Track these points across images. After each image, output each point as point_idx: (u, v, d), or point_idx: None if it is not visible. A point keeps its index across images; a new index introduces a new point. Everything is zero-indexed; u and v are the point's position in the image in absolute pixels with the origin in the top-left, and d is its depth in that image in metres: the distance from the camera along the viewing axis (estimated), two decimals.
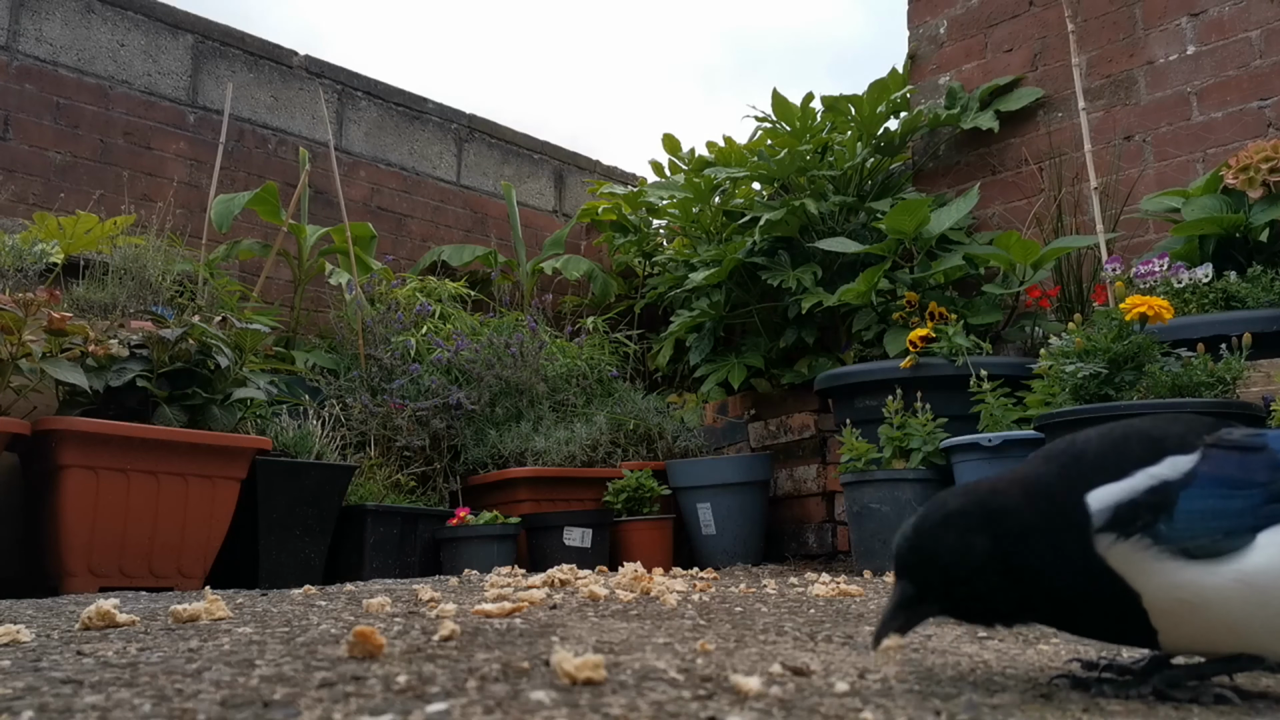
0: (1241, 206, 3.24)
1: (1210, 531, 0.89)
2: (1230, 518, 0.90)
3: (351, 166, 5.29)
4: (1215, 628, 0.91)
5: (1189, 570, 0.89)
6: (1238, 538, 0.89)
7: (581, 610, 1.75)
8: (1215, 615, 0.89)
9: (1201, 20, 3.90)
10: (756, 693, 0.91)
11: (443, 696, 0.88)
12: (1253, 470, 0.93)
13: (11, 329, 2.66)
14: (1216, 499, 0.91)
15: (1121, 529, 0.90)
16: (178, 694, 0.89)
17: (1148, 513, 0.90)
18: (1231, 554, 0.89)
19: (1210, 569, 0.88)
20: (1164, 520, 0.89)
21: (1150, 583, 0.90)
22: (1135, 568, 0.90)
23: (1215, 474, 0.92)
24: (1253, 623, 0.89)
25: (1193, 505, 0.90)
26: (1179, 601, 0.90)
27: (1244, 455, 0.94)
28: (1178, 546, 0.89)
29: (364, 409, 3.93)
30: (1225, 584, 0.88)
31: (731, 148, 4.83)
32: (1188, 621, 0.91)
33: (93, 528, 2.74)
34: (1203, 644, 0.94)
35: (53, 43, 4.35)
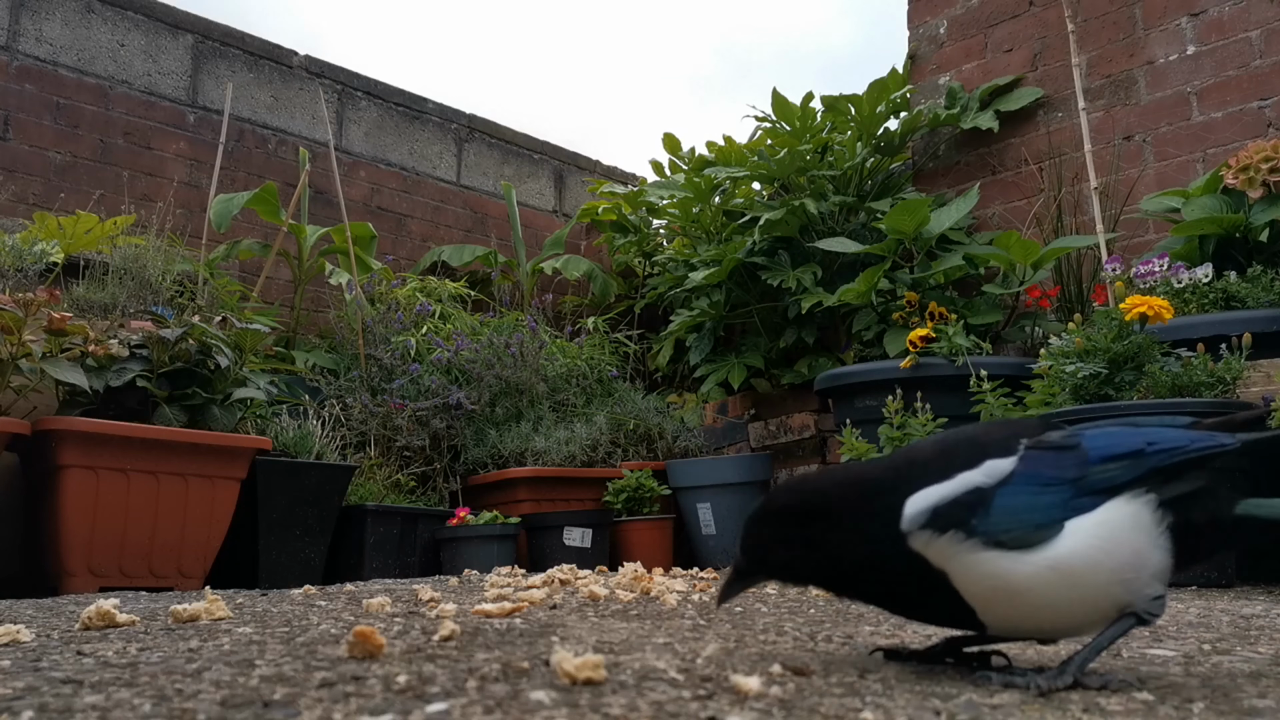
0: (1241, 206, 3.24)
1: (1021, 524, 0.97)
2: (1040, 511, 0.98)
3: (351, 166, 5.29)
4: (1033, 609, 0.99)
5: (1003, 560, 0.97)
6: (1047, 529, 0.97)
7: (581, 610, 1.75)
8: (1032, 599, 0.97)
9: (1201, 20, 3.90)
10: (756, 693, 0.91)
11: (443, 696, 0.88)
12: (1064, 467, 1.01)
13: (11, 329, 2.66)
14: (1028, 495, 0.99)
15: (937, 526, 0.98)
16: (178, 694, 0.89)
17: (964, 511, 0.97)
18: (1042, 543, 0.97)
19: (1022, 558, 0.97)
20: (979, 517, 0.97)
21: (967, 573, 0.98)
22: (951, 560, 0.98)
23: (1030, 473, 1.00)
24: (1067, 602, 0.98)
25: (1006, 502, 0.98)
26: (994, 589, 0.98)
27: (1059, 454, 1.02)
28: (991, 539, 0.97)
29: (364, 409, 3.93)
30: (1037, 570, 0.96)
31: (731, 147, 4.83)
32: (1006, 605, 0.99)
33: (93, 528, 2.74)
34: (1025, 626, 1.02)
35: (53, 43, 4.35)
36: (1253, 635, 1.48)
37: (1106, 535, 0.98)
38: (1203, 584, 2.51)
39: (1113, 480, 1.00)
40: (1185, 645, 1.35)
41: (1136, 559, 0.99)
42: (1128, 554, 0.98)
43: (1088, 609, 0.99)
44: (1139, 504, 1.00)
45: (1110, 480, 1.00)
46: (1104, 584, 0.98)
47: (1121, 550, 0.98)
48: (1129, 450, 1.02)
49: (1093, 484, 1.00)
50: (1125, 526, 0.99)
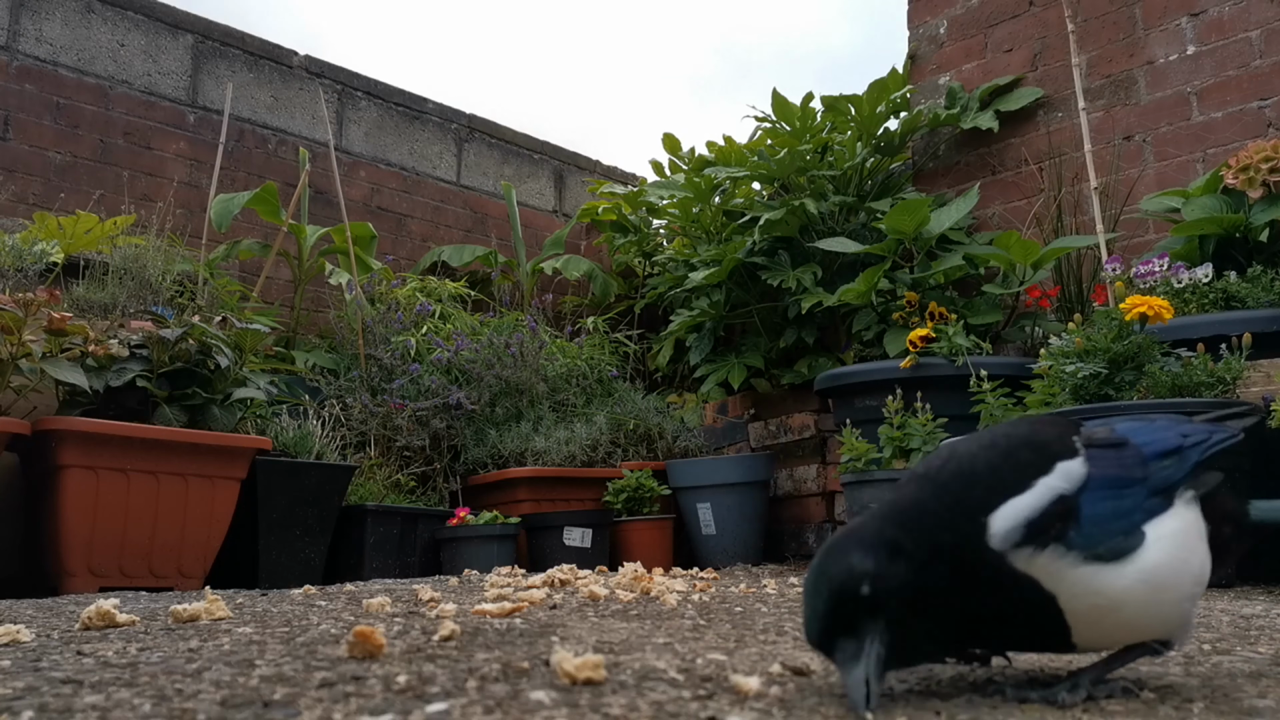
0: (1241, 206, 3.24)
1: (1113, 534, 0.92)
2: (1125, 517, 0.93)
3: (351, 166, 5.29)
4: (1123, 623, 0.93)
5: (1101, 573, 0.91)
6: (1134, 536, 0.92)
7: (581, 610, 1.75)
8: (1125, 612, 0.92)
9: (1201, 20, 3.90)
10: (756, 693, 0.91)
11: (443, 696, 0.88)
12: (1130, 467, 0.96)
13: (11, 329, 2.66)
14: (1111, 500, 0.93)
15: (1037, 542, 0.89)
16: (178, 694, 0.89)
17: (1057, 522, 0.90)
18: (1131, 553, 0.92)
19: (1117, 570, 0.91)
20: (1073, 528, 0.90)
21: (1072, 590, 0.91)
22: (1054, 576, 0.90)
23: (1104, 476, 0.94)
24: (1151, 613, 0.93)
25: (1095, 510, 0.92)
26: (1095, 605, 0.91)
27: (1119, 452, 0.97)
28: (1090, 552, 0.90)
29: (364, 409, 3.93)
30: (1131, 584, 0.91)
31: (731, 147, 4.83)
32: (1100, 621, 0.93)
33: (93, 528, 2.74)
34: (1109, 640, 0.97)
35: (53, 43, 4.35)
36: (1253, 635, 1.48)
37: (1183, 541, 0.94)
38: None
39: (1170, 479, 0.97)
40: (1185, 645, 1.35)
41: (1204, 564, 0.96)
42: (1200, 559, 0.96)
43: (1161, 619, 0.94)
44: (1193, 507, 0.97)
45: (1168, 479, 0.96)
46: (1184, 593, 0.94)
47: (1195, 556, 0.95)
48: (1172, 446, 0.98)
49: (1155, 483, 0.96)
50: (1192, 531, 0.96)
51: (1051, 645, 0.97)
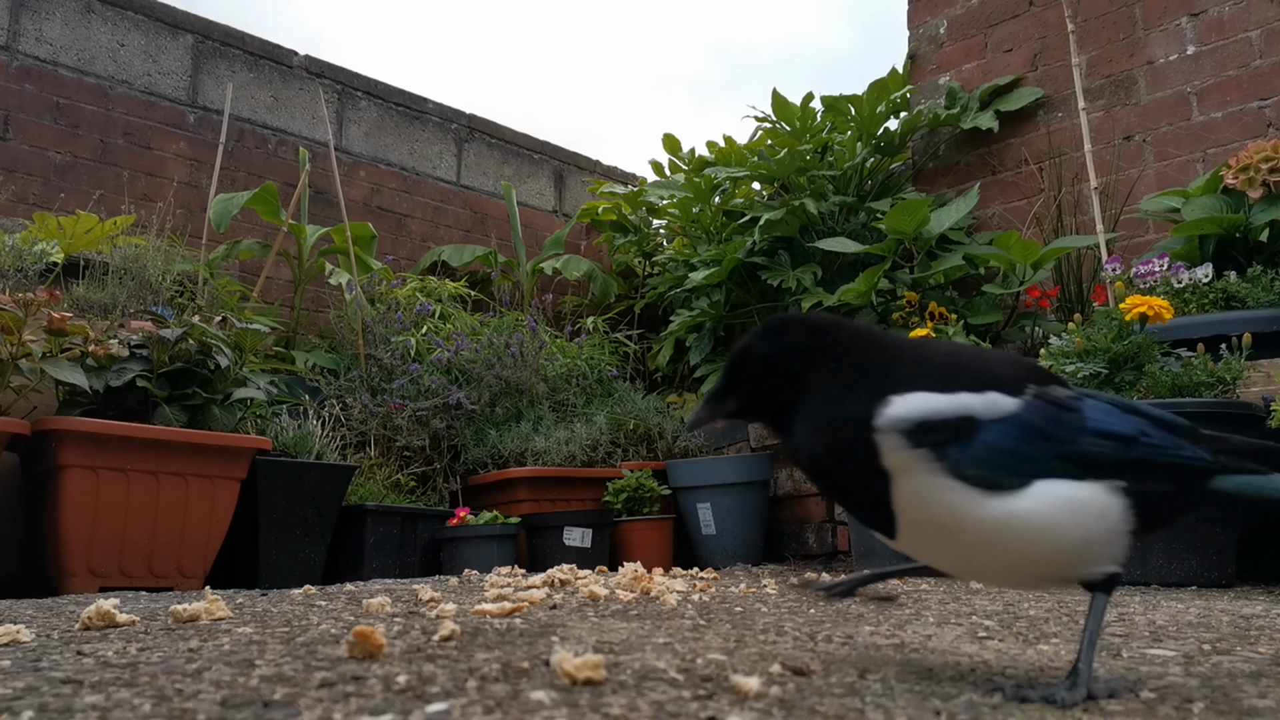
0: (1241, 206, 3.24)
1: (993, 467, 0.94)
2: (1019, 462, 0.94)
3: (351, 166, 5.29)
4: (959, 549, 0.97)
5: (959, 494, 0.93)
6: (1016, 480, 0.94)
7: (581, 610, 1.75)
8: (968, 540, 0.95)
9: (1201, 20, 3.90)
10: (756, 693, 0.91)
11: (443, 696, 0.88)
12: (1057, 426, 0.97)
13: (11, 329, 2.66)
14: (1014, 441, 0.95)
15: (914, 439, 0.93)
16: (178, 694, 0.89)
17: (946, 433, 0.93)
18: (1005, 492, 0.93)
19: (979, 499, 0.93)
20: (960, 445, 0.93)
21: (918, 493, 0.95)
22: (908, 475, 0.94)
23: (1025, 420, 0.96)
24: (1000, 557, 0.96)
25: (990, 439, 0.94)
26: (934, 517, 0.95)
27: (1060, 411, 0.99)
28: (958, 470, 0.93)
29: (364, 409, 3.93)
30: (989, 516, 0.93)
31: (731, 148, 4.83)
32: (934, 534, 0.97)
33: (93, 528, 2.74)
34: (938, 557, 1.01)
35: (53, 43, 4.35)
36: (1253, 635, 1.48)
37: (1070, 510, 0.95)
38: (1203, 584, 2.51)
39: (1099, 457, 0.97)
40: (1185, 645, 1.35)
41: (1088, 543, 0.97)
42: (1080, 534, 0.96)
43: (1020, 567, 0.98)
44: (1113, 496, 0.97)
45: (1097, 456, 0.97)
46: (1050, 554, 0.96)
47: (1078, 529, 0.96)
48: (1124, 433, 1.00)
49: (1077, 452, 0.97)
50: (1092, 510, 0.96)
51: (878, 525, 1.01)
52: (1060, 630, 1.53)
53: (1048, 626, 1.58)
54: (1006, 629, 1.54)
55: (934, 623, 1.62)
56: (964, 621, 1.64)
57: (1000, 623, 1.62)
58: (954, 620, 1.66)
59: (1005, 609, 1.86)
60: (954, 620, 1.66)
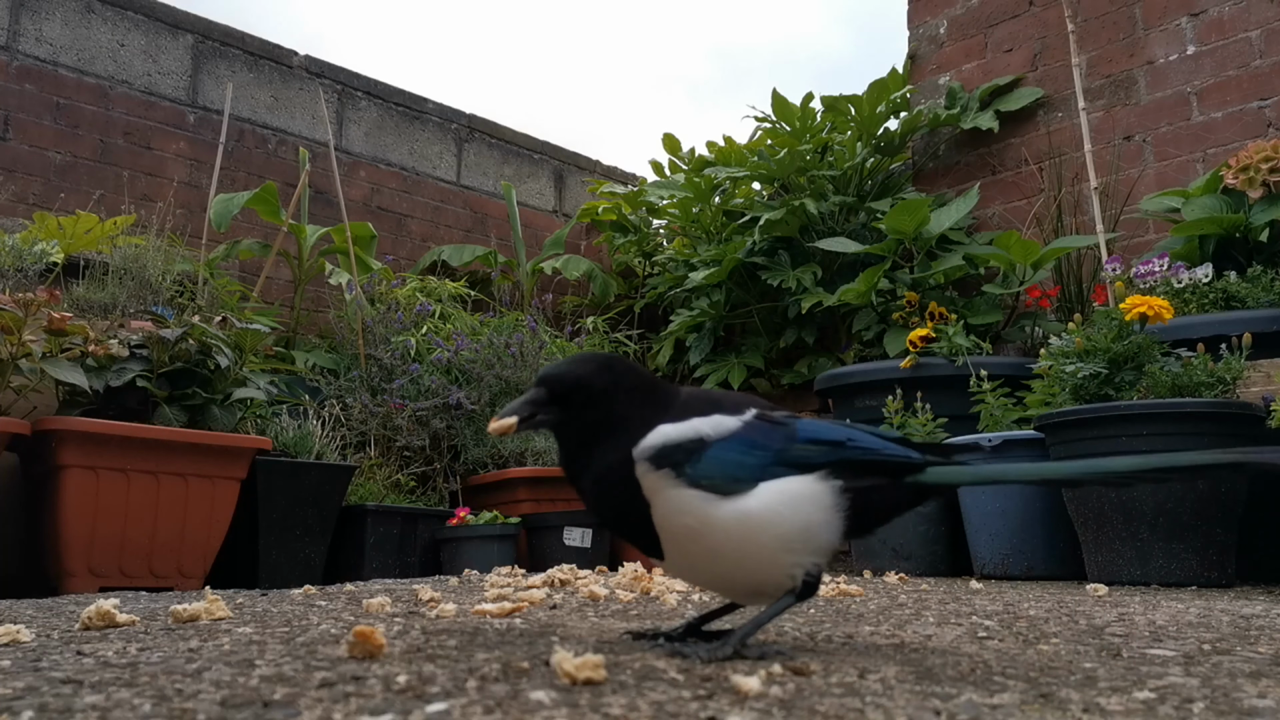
0: (1241, 206, 3.24)
1: (723, 475, 1.10)
2: (741, 467, 1.11)
3: (351, 166, 5.29)
4: (711, 552, 1.12)
5: (699, 501, 1.09)
6: (743, 484, 1.11)
7: (581, 610, 1.75)
8: (713, 541, 1.10)
9: (1201, 20, 3.90)
10: (756, 692, 0.91)
11: (443, 696, 0.88)
12: (772, 438, 1.15)
13: (11, 329, 2.66)
14: (736, 453, 1.12)
15: (656, 461, 1.10)
16: (178, 694, 0.89)
17: (683, 454, 1.10)
18: (736, 495, 1.10)
19: (716, 502, 1.09)
20: (692, 462, 1.10)
21: (666, 506, 1.11)
22: (657, 493, 1.11)
23: (745, 435, 1.14)
24: (741, 553, 1.11)
25: (717, 454, 1.11)
26: (685, 525, 1.11)
27: (773, 427, 1.16)
28: (693, 481, 1.09)
29: (364, 409, 3.93)
30: (724, 515, 1.09)
31: (731, 148, 4.83)
32: (690, 542, 1.12)
33: (93, 528, 2.74)
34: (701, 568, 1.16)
35: (53, 43, 4.35)
36: (1253, 635, 1.48)
37: (787, 500, 1.12)
38: (1203, 584, 2.51)
39: (808, 459, 1.14)
40: (1185, 645, 1.35)
41: (808, 527, 1.12)
42: (800, 520, 1.12)
43: (758, 565, 1.12)
44: (823, 484, 1.13)
45: (806, 458, 1.14)
46: (777, 543, 1.11)
47: (797, 516, 1.12)
48: (831, 439, 1.17)
49: (791, 457, 1.14)
50: (805, 498, 1.12)
51: (646, 549, 1.16)
52: (1060, 630, 1.53)
53: (1048, 626, 1.58)
54: (1007, 629, 1.54)
55: (934, 623, 1.62)
56: (964, 621, 1.64)
57: (1000, 623, 1.62)
58: (954, 620, 1.66)
59: (1005, 609, 1.86)
60: (954, 620, 1.66)
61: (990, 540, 3.03)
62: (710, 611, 1.33)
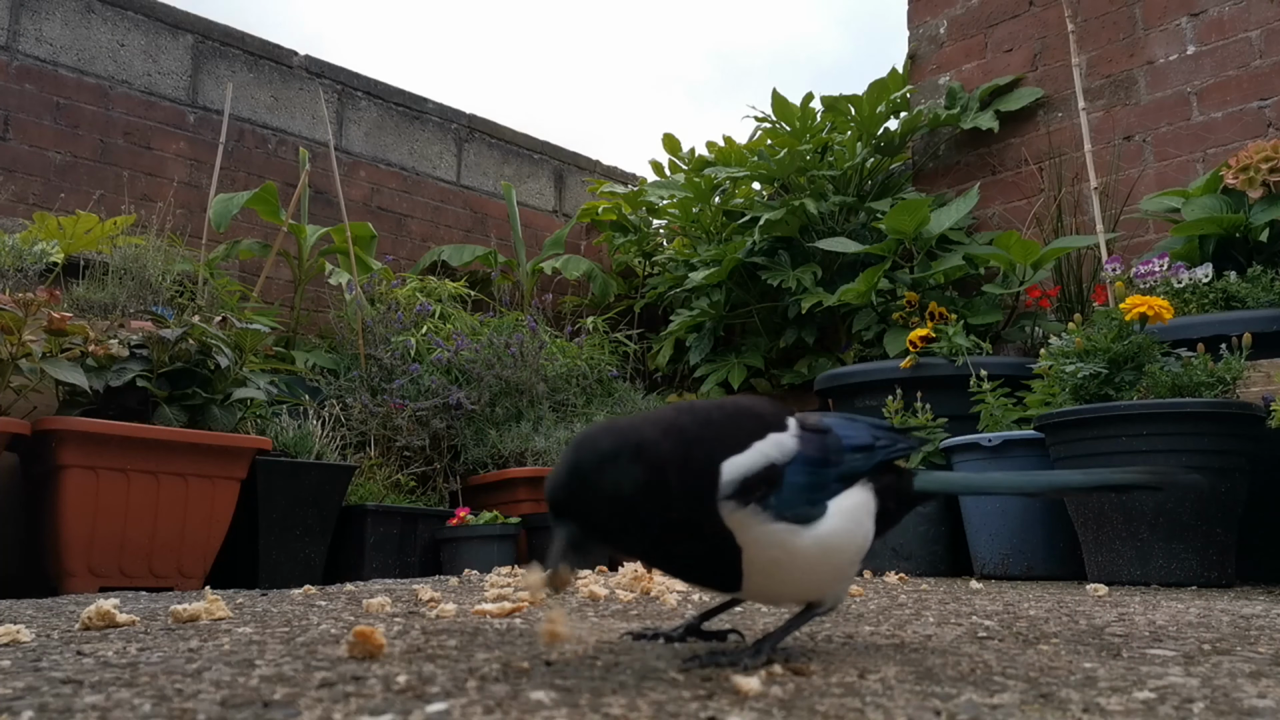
0: (1241, 206, 3.24)
1: (804, 503, 1.07)
2: (816, 490, 1.09)
3: (351, 166, 5.28)
4: (794, 578, 1.10)
5: (786, 534, 1.05)
6: (819, 507, 1.08)
7: (582, 610, 1.75)
8: (798, 568, 1.08)
9: (1201, 20, 3.90)
10: (756, 693, 0.91)
11: (443, 696, 0.87)
12: (829, 451, 1.12)
13: (11, 329, 2.66)
14: (808, 475, 1.08)
15: (741, 498, 1.03)
16: (178, 694, 0.89)
17: (763, 485, 1.04)
18: (814, 520, 1.07)
19: (801, 532, 1.06)
20: (775, 493, 1.04)
21: (758, 544, 1.05)
22: (748, 531, 1.04)
23: (808, 454, 1.10)
24: (820, 573, 1.10)
25: (794, 480, 1.07)
26: (774, 560, 1.07)
27: (822, 438, 1.12)
28: (780, 514, 1.04)
29: (364, 409, 3.93)
30: (808, 544, 1.06)
31: (731, 147, 4.83)
32: (774, 573, 1.08)
33: (93, 528, 2.74)
34: (776, 591, 1.13)
35: (53, 43, 4.35)
36: (1253, 635, 1.48)
37: (851, 516, 1.11)
38: (1203, 584, 2.51)
39: (856, 468, 1.13)
40: (1185, 645, 1.35)
41: (866, 537, 1.14)
42: (863, 533, 1.13)
43: (824, 580, 1.12)
44: (867, 492, 1.14)
45: (855, 468, 1.13)
46: (848, 559, 1.11)
47: (860, 529, 1.12)
48: (865, 443, 1.15)
49: (844, 470, 1.12)
50: (862, 510, 1.13)
51: (724, 586, 1.11)
52: (1060, 630, 1.53)
53: (1048, 626, 1.58)
54: (1007, 629, 1.54)
55: (934, 623, 1.62)
56: (964, 621, 1.64)
57: (1000, 623, 1.62)
58: (954, 620, 1.66)
59: (1005, 609, 1.86)
60: (954, 620, 1.66)
61: (990, 540, 3.03)
62: (708, 610, 1.32)
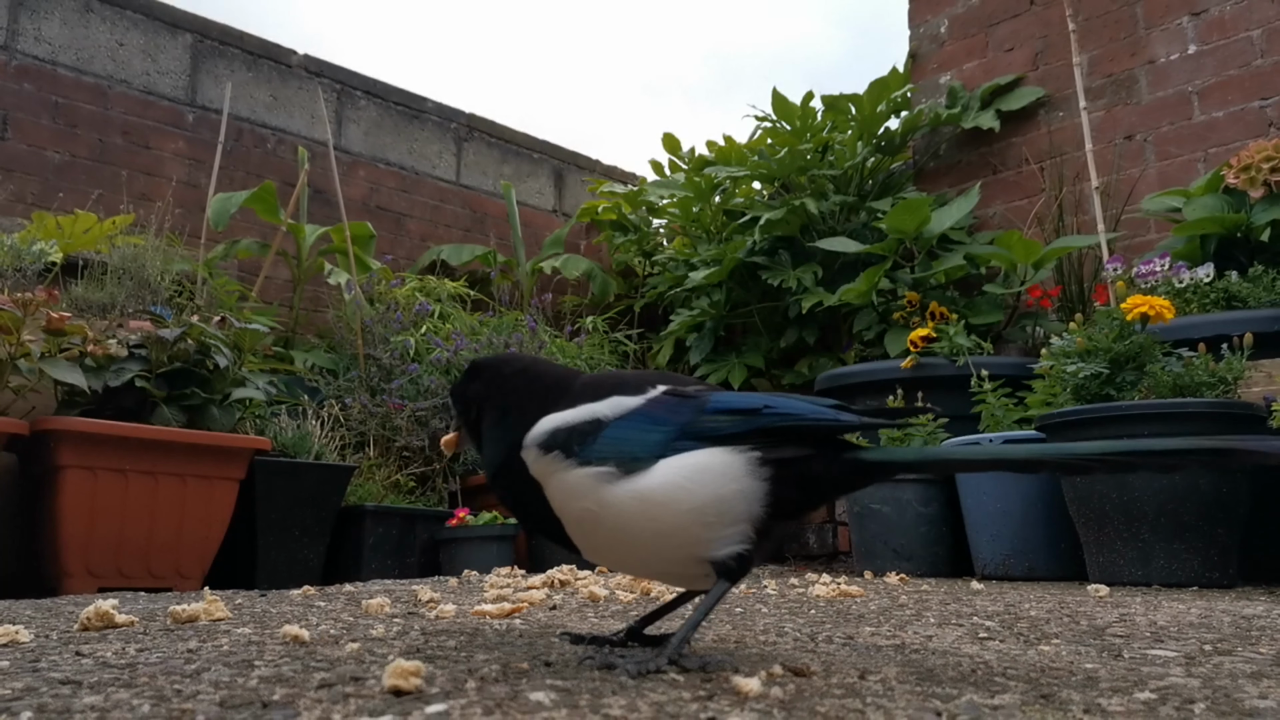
0: (1243, 206, 3.24)
1: (619, 454, 1.05)
2: (640, 445, 1.05)
3: (350, 166, 5.28)
4: (616, 535, 1.06)
5: (594, 483, 1.04)
6: (642, 462, 1.04)
7: (581, 611, 1.75)
8: (615, 524, 1.05)
9: (1203, 19, 3.90)
10: (757, 693, 0.90)
11: (442, 697, 0.87)
12: (678, 412, 1.08)
13: (10, 329, 2.65)
14: (635, 430, 1.06)
15: (545, 446, 1.07)
16: (176, 695, 0.89)
17: (577, 437, 1.06)
18: (633, 474, 1.04)
19: (613, 484, 1.04)
20: (586, 444, 1.06)
21: (559, 490, 1.07)
22: (549, 477, 1.07)
23: (646, 412, 1.08)
24: (648, 534, 1.04)
25: (615, 433, 1.06)
26: (583, 509, 1.06)
27: (681, 401, 1.09)
28: (587, 463, 1.05)
29: (363, 409, 3.93)
30: (622, 497, 1.03)
31: (732, 147, 4.83)
32: (593, 527, 1.07)
33: (91, 528, 2.73)
34: (611, 553, 1.11)
35: (51, 42, 4.34)
36: (1254, 636, 1.47)
37: (691, 474, 1.04)
38: (1204, 584, 2.51)
39: (717, 430, 1.06)
40: (1186, 646, 1.35)
41: (720, 501, 1.03)
42: (708, 494, 1.03)
43: (671, 545, 1.05)
44: (736, 455, 1.05)
45: (715, 430, 1.06)
46: (682, 522, 1.03)
47: (703, 490, 1.03)
48: (745, 407, 1.08)
49: (698, 430, 1.06)
50: (714, 471, 1.04)
51: (563, 542, 1.12)
52: (1062, 631, 1.53)
53: (1049, 627, 1.57)
54: (1008, 630, 1.54)
55: (935, 623, 1.61)
56: (965, 622, 1.63)
57: (1001, 623, 1.62)
58: (955, 621, 1.65)
59: (1006, 609, 1.86)
60: (955, 621, 1.65)
61: (991, 541, 3.03)
62: (652, 611, 1.26)
